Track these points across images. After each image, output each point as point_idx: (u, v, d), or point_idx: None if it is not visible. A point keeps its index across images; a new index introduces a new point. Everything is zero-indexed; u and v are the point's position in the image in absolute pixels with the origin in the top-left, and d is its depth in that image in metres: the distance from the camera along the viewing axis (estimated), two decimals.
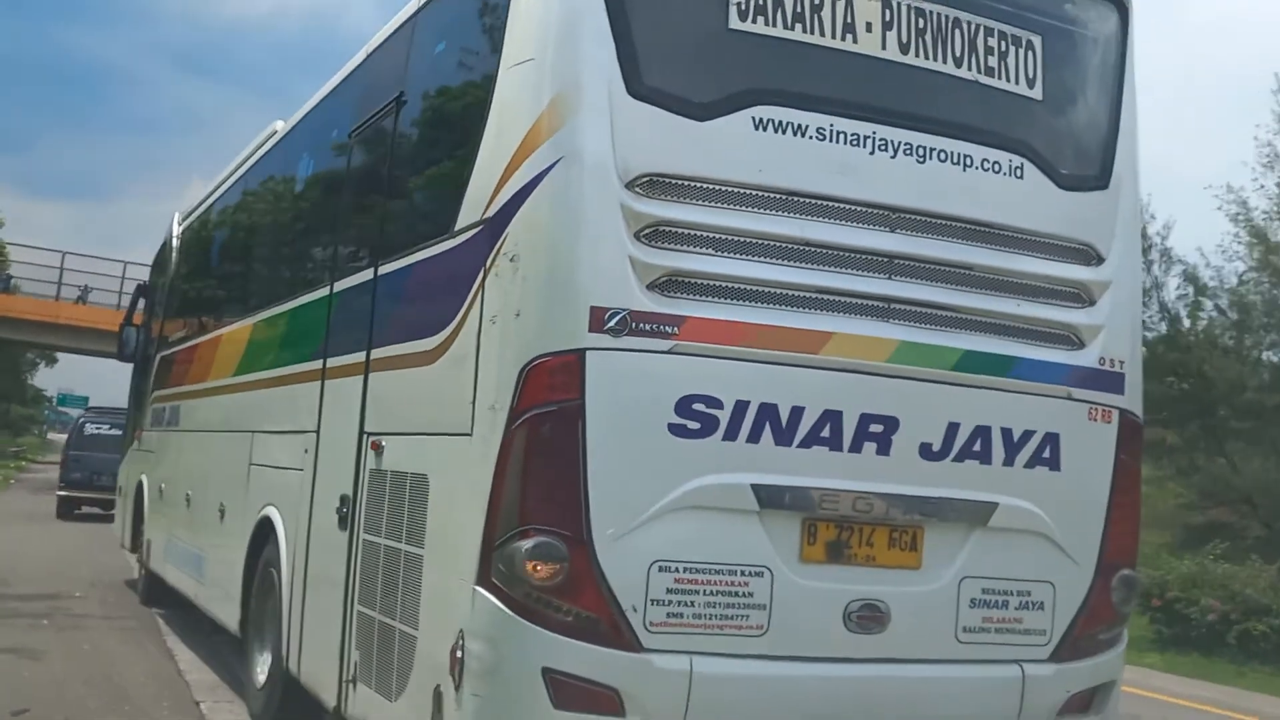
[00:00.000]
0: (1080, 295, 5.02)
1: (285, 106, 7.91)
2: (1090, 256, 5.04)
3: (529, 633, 4.19)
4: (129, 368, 13.98)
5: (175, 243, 12.22)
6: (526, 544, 4.16)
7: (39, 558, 14.71)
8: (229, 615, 7.85)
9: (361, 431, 5.62)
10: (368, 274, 5.79)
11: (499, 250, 4.41)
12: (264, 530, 7.05)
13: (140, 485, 12.18)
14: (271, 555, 6.87)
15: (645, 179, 4.32)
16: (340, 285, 6.27)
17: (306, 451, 6.46)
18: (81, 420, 25.90)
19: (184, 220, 12.11)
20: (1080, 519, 4.96)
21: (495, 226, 4.46)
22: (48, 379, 73.35)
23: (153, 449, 11.99)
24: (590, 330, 4.22)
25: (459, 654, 4.30)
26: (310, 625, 6.11)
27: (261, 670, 7.00)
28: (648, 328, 4.28)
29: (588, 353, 4.22)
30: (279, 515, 6.84)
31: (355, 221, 6.37)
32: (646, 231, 4.31)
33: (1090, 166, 5.14)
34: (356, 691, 5.35)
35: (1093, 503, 5.00)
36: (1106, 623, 5.05)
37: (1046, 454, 4.89)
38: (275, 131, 8.71)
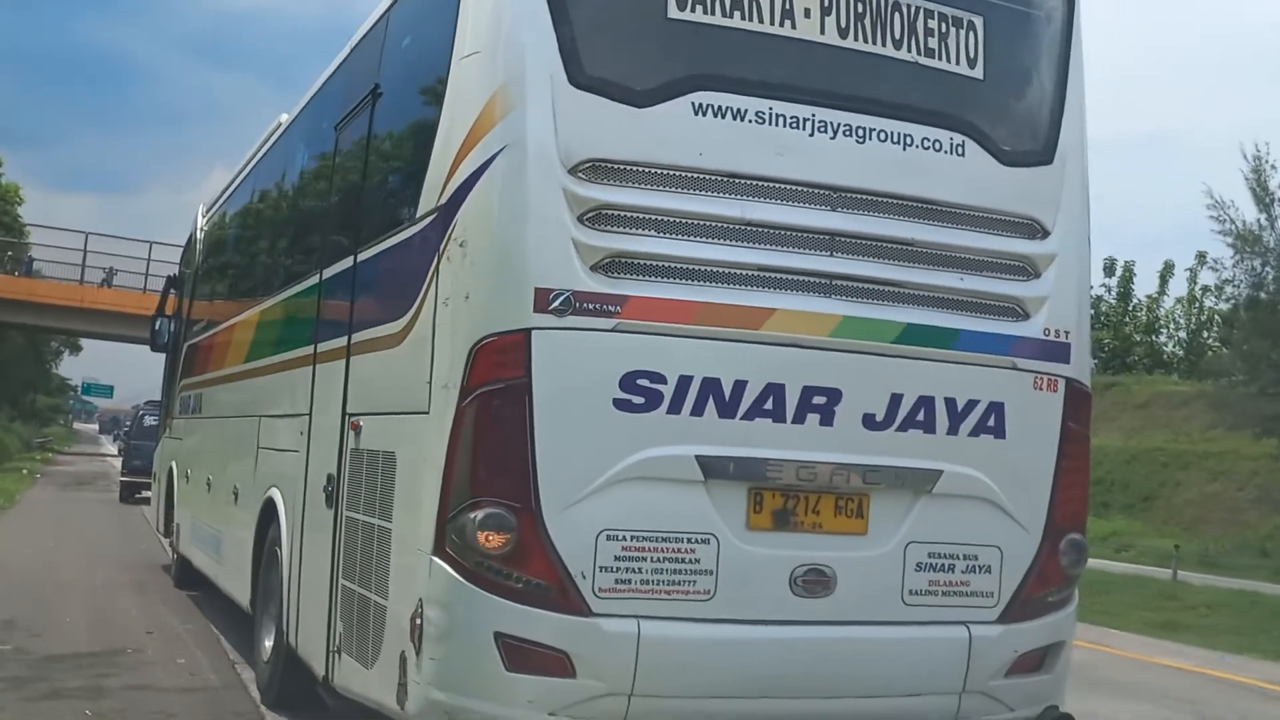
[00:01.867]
0: (1025, 268, 5.15)
1: (302, 92, 8.16)
2: (1035, 230, 5.18)
3: (481, 599, 4.42)
4: (154, 355, 14.41)
5: (199, 234, 12.58)
6: (477, 515, 4.39)
7: (78, 587, 11.43)
8: (241, 593, 8.16)
9: (344, 413, 5.87)
10: (349, 261, 6.03)
11: (450, 236, 4.63)
12: (269, 510, 7.33)
13: (171, 471, 12.59)
14: (275, 534, 7.15)
15: (588, 164, 4.51)
16: (327, 273, 6.53)
17: (301, 434, 6.73)
18: (141, 412, 27.56)
19: (207, 212, 12.46)
20: (1027, 485, 5.11)
21: (447, 213, 4.68)
22: (71, 368, 72.85)
23: (180, 436, 12.39)
24: (535, 311, 4.43)
25: (418, 621, 4.55)
26: (305, 599, 6.39)
27: (268, 644, 7.29)
28: (591, 307, 4.48)
29: (533, 332, 4.43)
30: (280, 496, 7.12)
31: (339, 211, 6.62)
32: (590, 215, 4.51)
33: (1034, 142, 5.26)
34: (341, 661, 5.61)
35: (1039, 469, 5.14)
36: (1055, 585, 5.20)
37: (991, 422, 5.04)
38: (280, 124, 8.99)
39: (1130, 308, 43.70)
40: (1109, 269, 44.38)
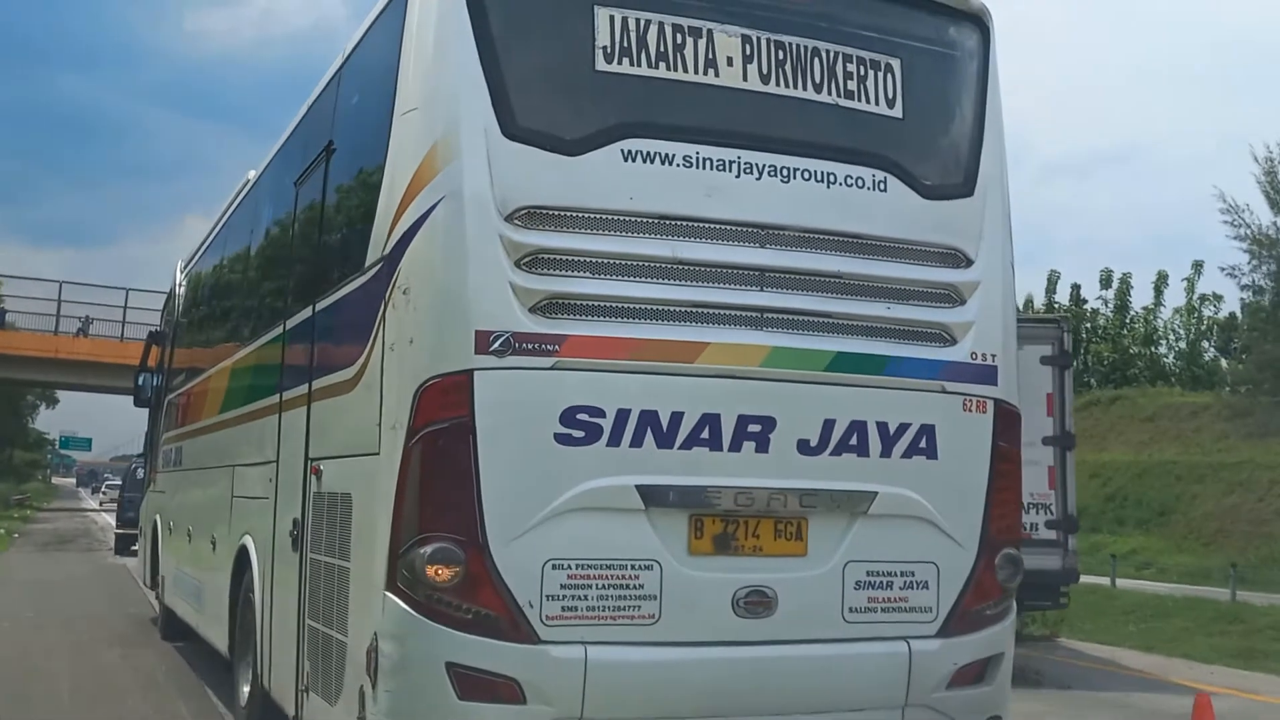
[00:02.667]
0: (950, 296, 5.39)
1: (273, 137, 8.38)
2: (958, 260, 5.42)
3: (432, 631, 4.60)
4: (132, 406, 14.65)
5: (177, 289, 12.81)
6: (426, 550, 4.58)
7: (62, 645, 11.01)
8: (220, 640, 8.32)
9: (306, 458, 6.07)
10: (308, 312, 6.26)
11: (394, 283, 4.86)
12: (243, 558, 7.51)
13: (155, 524, 12.75)
14: (249, 580, 7.32)
15: (523, 211, 4.75)
16: (290, 323, 6.75)
17: (270, 481, 6.92)
18: (134, 466, 27.72)
19: (184, 267, 12.69)
20: (960, 503, 5.32)
21: (391, 262, 4.91)
22: (48, 421, 70.93)
23: (164, 489, 12.56)
24: (477, 352, 4.64)
25: (374, 654, 4.73)
26: (276, 642, 6.56)
27: (245, 689, 7.44)
28: (531, 347, 4.70)
29: (475, 373, 4.64)
30: (253, 542, 7.30)
31: (300, 263, 6.85)
32: (526, 260, 4.74)
33: (954, 176, 5.51)
34: (309, 699, 5.77)
35: (972, 487, 5.35)
36: (993, 599, 5.39)
37: (923, 444, 5.25)
38: (248, 181, 9.25)
39: (1128, 320, 43.45)
40: (1105, 281, 44.08)
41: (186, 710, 8.55)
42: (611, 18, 4.94)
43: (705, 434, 4.91)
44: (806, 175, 5.14)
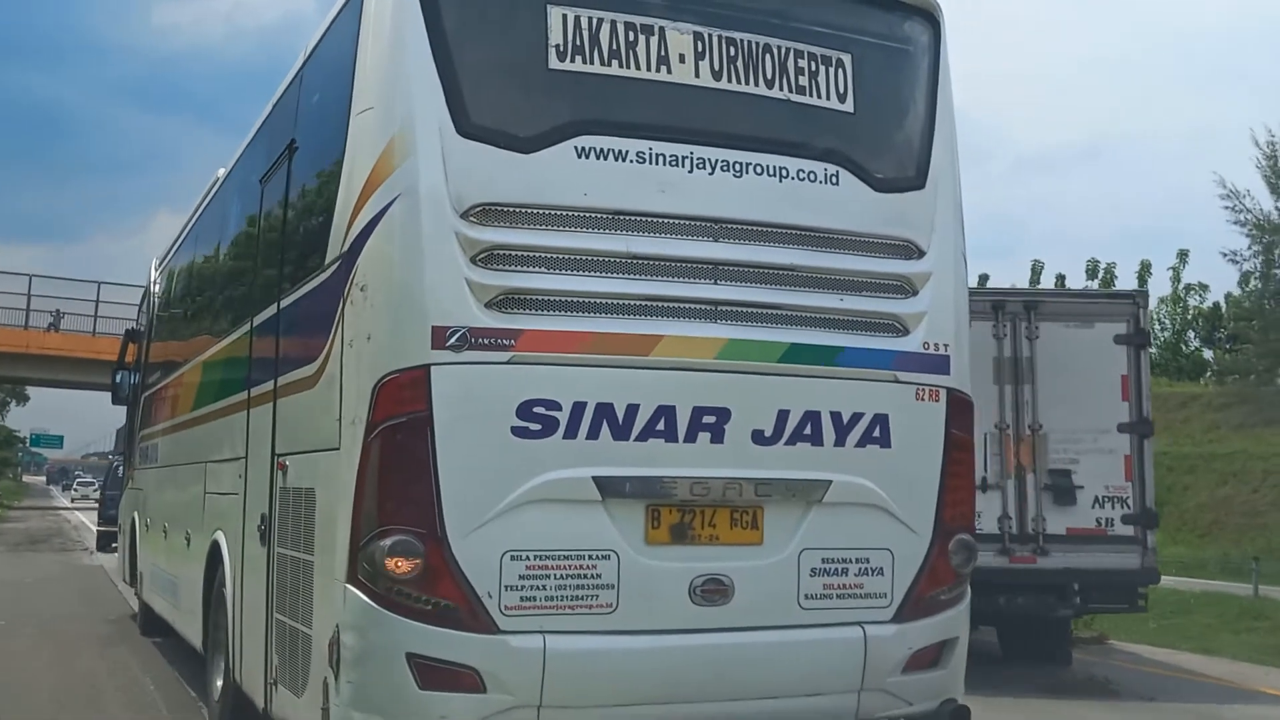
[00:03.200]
0: (902, 287, 5.48)
1: (242, 132, 8.42)
2: (910, 251, 5.51)
3: (393, 622, 4.68)
4: (106, 402, 14.67)
5: (152, 287, 12.85)
6: (386, 543, 4.66)
7: (42, 645, 11.08)
8: (195, 635, 8.37)
9: (273, 454, 6.13)
10: (273, 309, 6.32)
11: (352, 280, 4.93)
12: (215, 553, 7.57)
13: (133, 521, 12.79)
14: (221, 575, 7.39)
15: (478, 209, 4.82)
16: (257, 321, 6.81)
17: (239, 477, 6.98)
18: (115, 464, 27.33)
19: (159, 265, 12.72)
20: (914, 490, 5.42)
21: (349, 259, 4.98)
22: (19, 419, 70.14)
23: (141, 486, 12.59)
24: (434, 347, 4.72)
25: (335, 646, 4.81)
26: (247, 636, 6.63)
27: (218, 683, 7.51)
28: (487, 341, 4.78)
29: (432, 368, 4.72)
30: (224, 538, 7.36)
31: (265, 261, 6.91)
32: (482, 256, 4.81)
33: (906, 169, 5.60)
34: (278, 692, 5.85)
35: (926, 475, 5.45)
36: (947, 584, 5.50)
37: (877, 433, 5.34)
38: (217, 179, 9.29)
39: None
40: (1091, 271, 44.34)
41: (163, 704, 8.61)
42: (564, 16, 5.02)
43: (661, 425, 5.00)
44: (759, 170, 5.22)
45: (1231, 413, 29.83)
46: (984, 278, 44.48)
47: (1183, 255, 42.79)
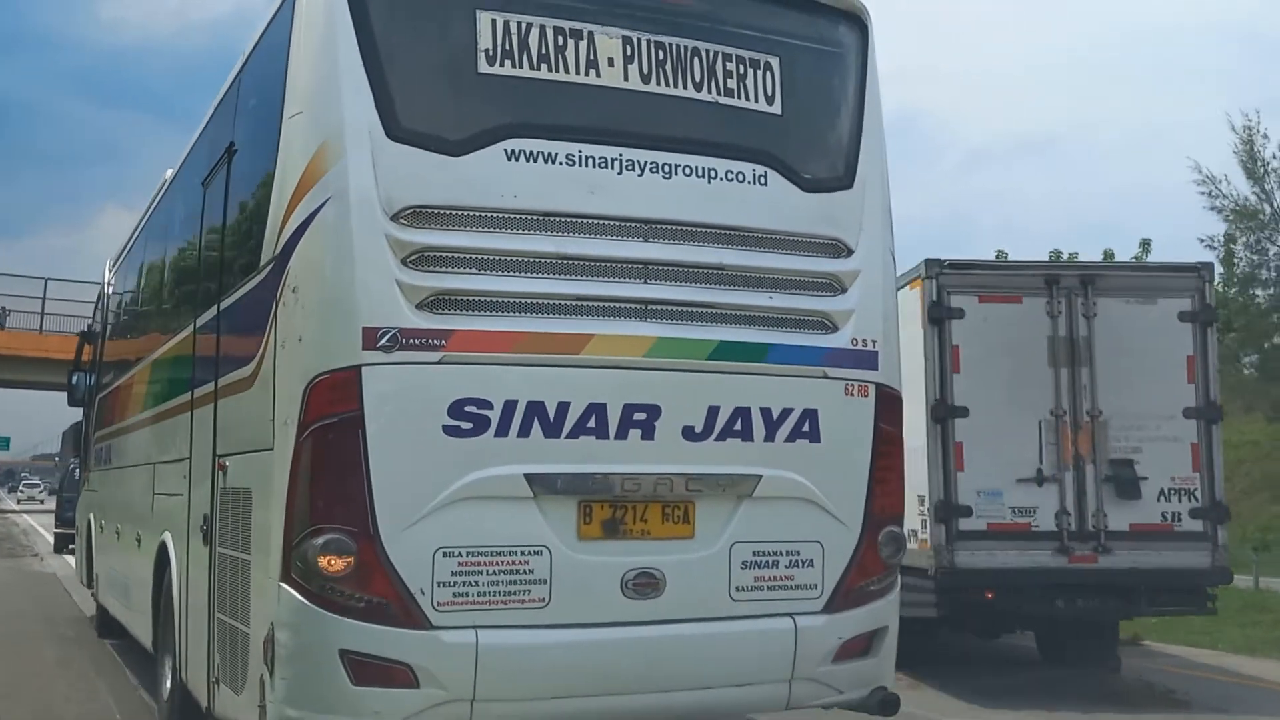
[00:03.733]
0: (831, 285, 5.59)
1: (192, 126, 8.40)
2: (839, 250, 5.62)
3: (326, 620, 4.75)
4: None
5: (106, 288, 12.82)
6: (318, 541, 4.73)
7: None
8: (145, 635, 8.40)
9: (214, 454, 6.18)
10: (214, 311, 6.36)
11: (284, 282, 5.00)
12: (163, 554, 7.60)
13: (89, 523, 12.76)
14: (169, 576, 7.42)
15: (409, 211, 4.89)
16: (200, 322, 6.85)
17: (184, 478, 7.02)
18: (71, 466, 27.62)
19: (113, 266, 12.70)
20: (844, 484, 5.53)
21: (282, 261, 5.04)
22: None
23: (96, 488, 12.57)
24: (365, 348, 4.79)
25: (270, 644, 4.87)
26: (191, 635, 6.66)
27: (167, 684, 7.54)
28: (418, 342, 4.85)
29: (363, 368, 4.79)
30: (171, 539, 7.40)
31: (207, 263, 6.94)
32: (413, 257, 4.88)
33: (834, 169, 5.71)
34: (220, 690, 5.89)
35: (855, 468, 5.57)
36: (877, 574, 5.62)
37: (806, 428, 5.45)
38: (165, 180, 9.30)
39: None
40: (1055, 260, 44.80)
41: (114, 704, 8.63)
42: (493, 21, 5.09)
43: (592, 423, 5.08)
44: (688, 171, 5.32)
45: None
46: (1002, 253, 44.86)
47: (1145, 245, 43.24)
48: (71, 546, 23.71)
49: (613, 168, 5.18)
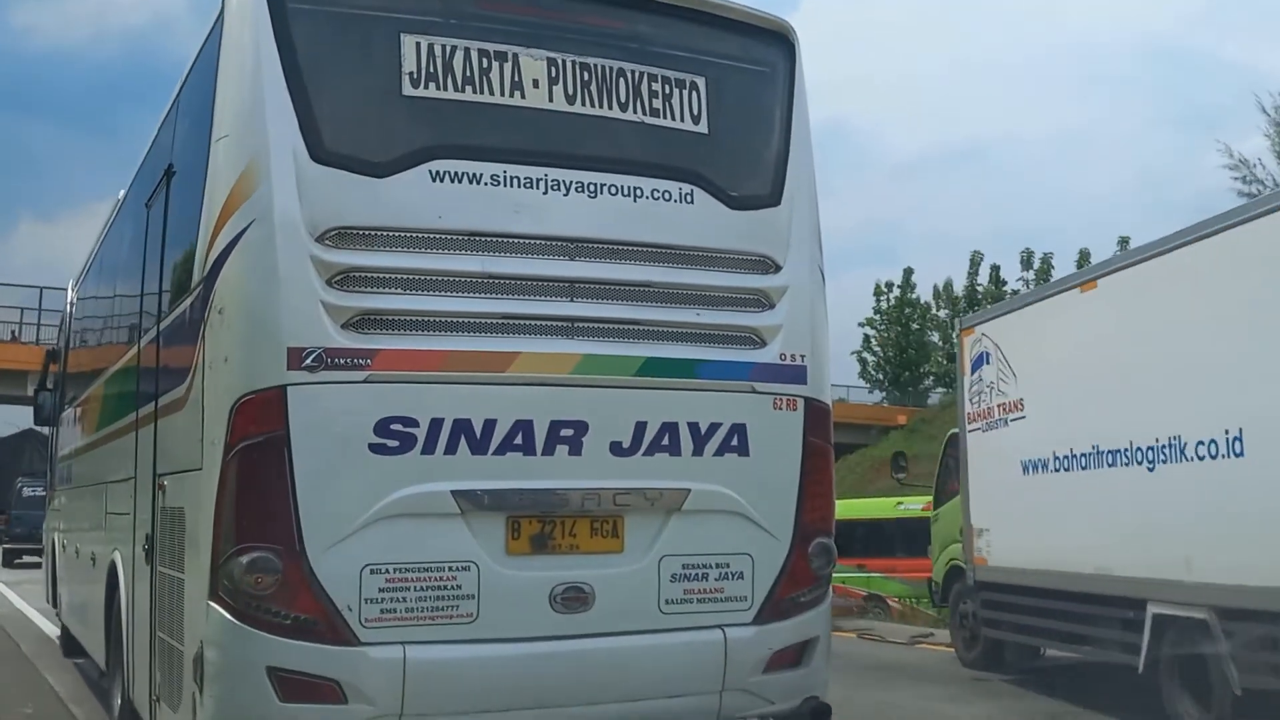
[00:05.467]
0: (759, 300, 5.67)
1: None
2: (767, 266, 5.70)
3: (252, 637, 4.80)
4: None
5: (68, 308, 12.84)
6: (244, 559, 4.78)
7: None
8: (98, 653, 8.43)
9: (154, 474, 6.22)
10: (154, 332, 6.41)
11: (211, 304, 5.05)
12: (113, 573, 7.63)
13: (53, 543, 12.77)
14: (118, 595, 7.45)
15: (333, 232, 4.95)
16: (143, 343, 6.90)
17: (130, 497, 7.06)
18: (20, 484, 28.50)
19: (74, 285, 12.72)
20: (773, 496, 5.60)
21: (209, 283, 5.10)
22: None
23: (59, 508, 12.58)
24: (290, 368, 4.84)
25: (200, 661, 4.92)
26: (136, 653, 6.70)
27: (118, 701, 7.57)
28: (343, 361, 4.91)
29: (289, 388, 4.84)
30: (120, 558, 7.43)
31: (149, 283, 6.99)
32: (338, 278, 4.94)
33: (761, 187, 5.79)
34: (160, 708, 5.93)
35: (784, 481, 5.64)
36: (806, 586, 5.69)
37: (735, 442, 5.52)
38: (118, 201, 9.34)
39: None
40: (1026, 261, 44.66)
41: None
42: (418, 44, 5.16)
43: (519, 440, 5.14)
44: (613, 190, 5.39)
45: None
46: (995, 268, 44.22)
47: (1124, 241, 43.09)
48: (17, 560, 25.74)
49: (538, 187, 5.26)
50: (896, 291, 50.50)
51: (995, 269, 45.07)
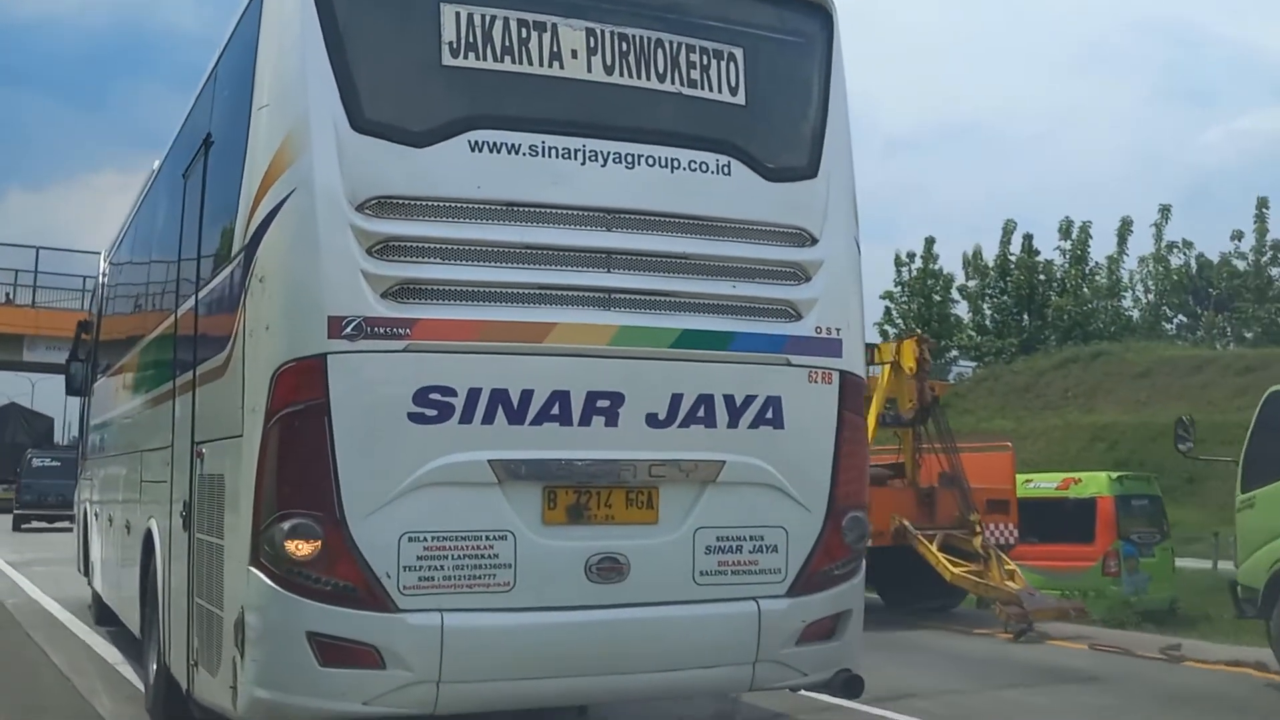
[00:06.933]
0: (795, 273, 5.67)
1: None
2: (803, 239, 5.69)
3: (294, 603, 4.86)
4: None
5: (101, 279, 12.95)
6: (285, 526, 4.84)
7: None
8: (133, 621, 8.52)
9: (192, 441, 6.28)
10: (193, 300, 6.46)
11: (252, 272, 5.09)
12: (149, 540, 7.72)
13: (85, 511, 12.91)
14: (154, 562, 7.53)
15: (374, 201, 4.98)
16: (180, 311, 6.95)
17: (167, 465, 7.12)
18: (30, 456, 32.02)
19: (107, 256, 12.82)
20: (808, 469, 5.62)
21: (250, 252, 5.14)
22: None
23: (90, 476, 12.70)
24: (330, 337, 4.88)
25: (241, 626, 4.98)
26: (173, 620, 6.78)
27: (153, 667, 7.66)
28: (383, 331, 4.95)
29: (329, 357, 4.88)
30: (156, 526, 7.51)
31: (187, 253, 7.04)
32: (378, 247, 4.97)
33: (798, 159, 5.78)
34: (198, 673, 6.00)
35: (819, 454, 5.65)
36: (840, 559, 5.71)
37: (770, 415, 5.54)
38: (152, 171, 9.39)
39: (1088, 271, 42.01)
40: (1064, 230, 42.51)
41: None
42: (457, 14, 5.16)
43: (555, 410, 5.17)
44: (651, 161, 5.39)
45: (1256, 376, 25.93)
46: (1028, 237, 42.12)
47: (1165, 210, 42.13)
48: (24, 525, 28.79)
49: (576, 158, 5.26)
50: (919, 263, 47.13)
51: (1028, 238, 43.54)
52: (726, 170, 5.54)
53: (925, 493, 13.51)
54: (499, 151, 5.15)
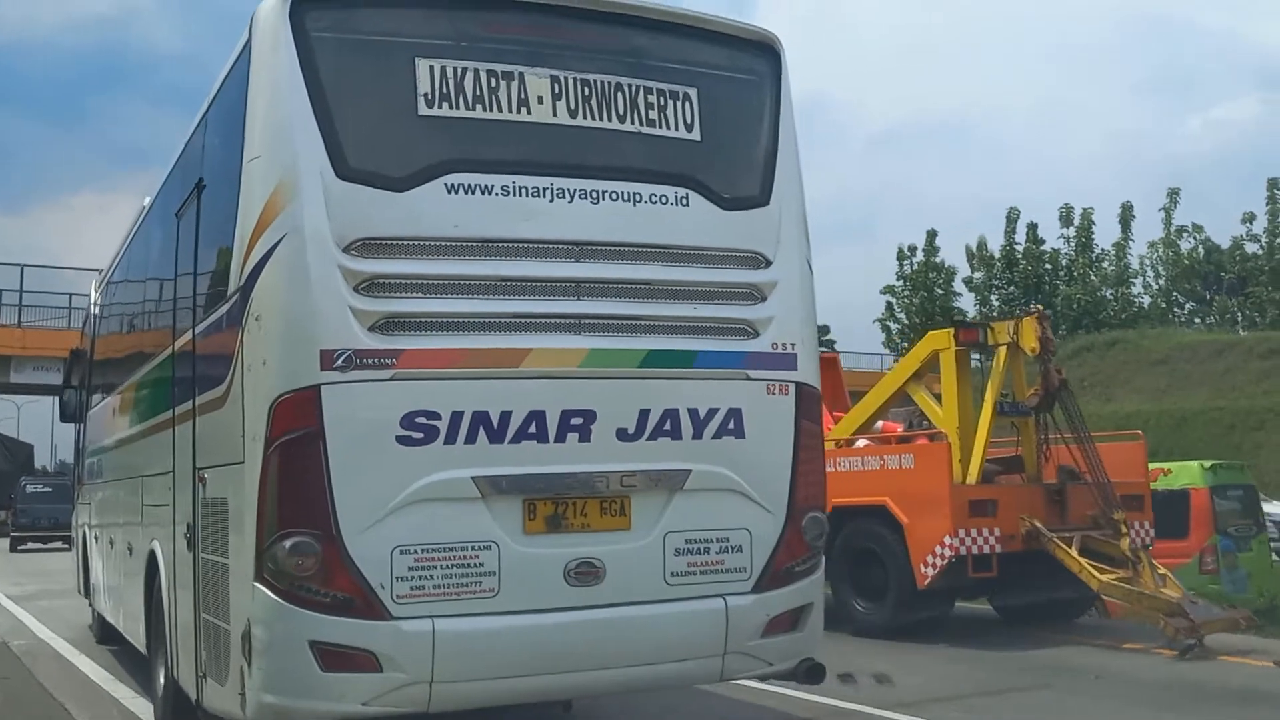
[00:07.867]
0: (752, 294, 6.13)
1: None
2: (758, 262, 6.16)
3: (296, 614, 5.29)
4: None
5: (92, 309, 13.32)
6: (287, 544, 5.26)
7: None
8: (138, 639, 8.91)
9: (194, 467, 6.70)
10: (190, 335, 6.88)
11: (248, 311, 5.52)
12: (153, 561, 8.11)
13: (84, 535, 13.27)
14: (159, 582, 7.93)
15: (359, 243, 5.42)
16: (178, 345, 7.36)
17: (169, 489, 7.53)
18: (24, 483, 35.01)
19: (98, 286, 13.19)
20: (768, 474, 6.08)
21: (245, 292, 5.57)
22: None
23: (88, 501, 13.07)
24: (322, 369, 5.32)
25: (248, 638, 5.40)
26: (180, 635, 7.18)
27: (161, 681, 8.06)
28: (371, 361, 5.38)
29: (322, 387, 5.32)
30: (159, 547, 7.91)
31: (182, 289, 7.46)
32: (364, 285, 5.41)
33: (751, 188, 6.25)
34: (207, 684, 6.41)
35: (779, 460, 6.11)
36: (801, 556, 6.18)
37: (732, 425, 6.00)
38: (144, 207, 9.79)
39: (1094, 258, 40.77)
40: (1065, 218, 41.09)
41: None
42: (431, 67, 5.61)
43: (533, 428, 5.62)
44: (614, 196, 5.85)
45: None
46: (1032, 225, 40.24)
47: (1173, 194, 40.54)
48: (21, 547, 31.19)
49: (545, 196, 5.71)
50: (920, 256, 44.58)
51: (1032, 226, 41.39)
52: (685, 201, 5.99)
53: (1054, 489, 11.86)
54: (474, 193, 5.59)
